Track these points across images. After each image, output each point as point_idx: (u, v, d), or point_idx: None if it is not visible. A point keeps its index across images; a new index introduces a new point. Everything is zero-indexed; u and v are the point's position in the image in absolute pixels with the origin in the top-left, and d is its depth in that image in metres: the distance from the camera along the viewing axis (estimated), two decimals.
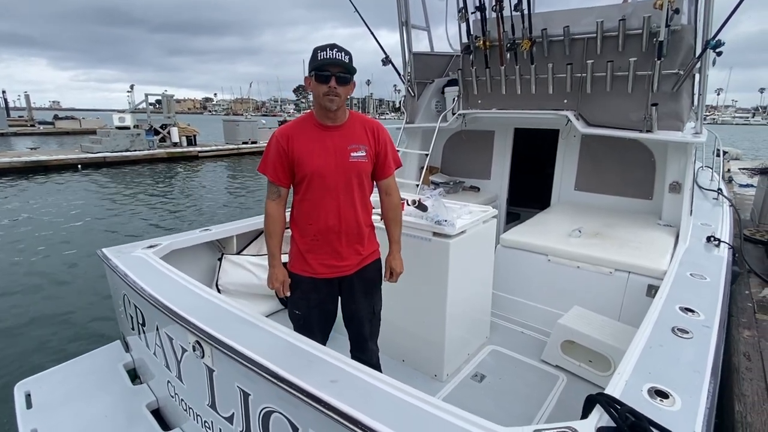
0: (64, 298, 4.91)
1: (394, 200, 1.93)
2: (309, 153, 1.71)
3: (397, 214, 1.95)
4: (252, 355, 1.44)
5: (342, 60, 1.64)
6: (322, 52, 1.63)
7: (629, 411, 1.19)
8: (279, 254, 1.83)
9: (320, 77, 1.64)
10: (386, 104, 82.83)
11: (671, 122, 3.16)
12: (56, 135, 32.12)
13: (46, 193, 11.07)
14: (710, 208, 3.76)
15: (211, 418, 1.76)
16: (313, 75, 1.65)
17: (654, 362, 1.47)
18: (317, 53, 1.64)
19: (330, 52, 1.63)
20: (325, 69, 1.63)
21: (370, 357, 2.00)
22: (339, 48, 1.65)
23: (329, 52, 1.63)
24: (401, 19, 4.04)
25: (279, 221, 1.81)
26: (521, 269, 3.07)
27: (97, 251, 2.54)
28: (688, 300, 1.95)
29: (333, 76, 1.63)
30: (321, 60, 1.63)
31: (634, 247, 2.85)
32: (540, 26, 3.43)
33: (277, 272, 1.82)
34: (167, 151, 17.67)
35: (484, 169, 4.57)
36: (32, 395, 2.25)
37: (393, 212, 1.93)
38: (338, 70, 1.64)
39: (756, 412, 2.05)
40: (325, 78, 1.64)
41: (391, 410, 1.22)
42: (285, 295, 1.87)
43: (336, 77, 1.64)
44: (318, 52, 1.64)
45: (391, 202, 1.92)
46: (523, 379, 2.51)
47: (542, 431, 1.13)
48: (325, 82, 1.64)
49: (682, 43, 3.02)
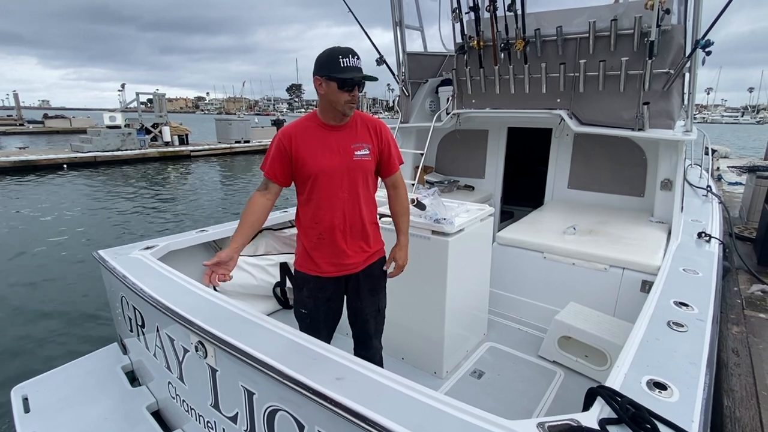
0: (57, 300, 4.85)
1: (402, 192, 1.95)
2: (313, 153, 1.72)
3: (406, 205, 1.97)
4: (256, 354, 1.45)
5: (361, 67, 1.64)
6: (345, 59, 1.60)
7: (629, 402, 1.23)
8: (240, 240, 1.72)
9: (344, 84, 1.62)
10: (380, 103, 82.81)
11: (662, 120, 3.21)
12: (46, 134, 31.65)
13: (35, 193, 10.90)
14: (700, 205, 3.83)
15: (214, 419, 1.76)
16: (335, 80, 1.62)
17: (651, 355, 1.51)
18: (339, 59, 1.60)
19: (353, 60, 1.61)
20: (351, 77, 1.61)
21: (373, 354, 2.02)
22: (358, 55, 1.64)
23: (352, 60, 1.60)
24: (395, 19, 4.05)
25: (258, 210, 1.74)
26: (517, 267, 3.10)
27: (93, 253, 2.52)
28: (682, 294, 1.99)
29: (357, 85, 1.63)
30: (345, 67, 1.60)
31: (627, 244, 2.90)
32: (533, 26, 3.47)
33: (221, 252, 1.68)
34: (159, 150, 17.50)
35: (479, 168, 4.61)
36: (30, 399, 2.24)
37: (402, 205, 1.95)
38: (360, 78, 1.64)
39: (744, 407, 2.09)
40: (350, 86, 1.63)
41: (397, 406, 1.23)
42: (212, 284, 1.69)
43: (357, 85, 1.64)
44: (340, 58, 1.60)
45: (400, 195, 1.94)
46: (521, 374, 2.54)
47: (546, 424, 1.16)
48: (349, 90, 1.63)
49: (672, 43, 3.08)
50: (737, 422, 2.01)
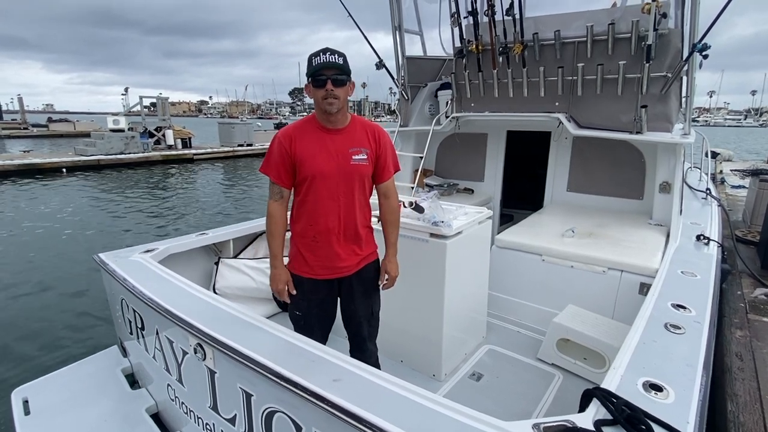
0: (58, 304, 4.88)
1: (393, 203, 1.96)
2: (311, 155, 1.74)
3: (395, 218, 1.98)
4: (254, 356, 1.46)
5: (336, 62, 1.67)
6: (316, 58, 1.67)
7: (625, 404, 1.23)
8: (281, 255, 1.85)
9: (317, 82, 1.68)
10: (382, 107, 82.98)
11: (660, 124, 3.22)
12: (50, 138, 31.85)
13: (38, 196, 10.97)
14: (699, 208, 3.83)
15: (212, 420, 1.77)
16: (311, 81, 1.69)
17: (648, 357, 1.52)
18: (312, 59, 1.68)
19: (323, 56, 1.66)
20: (321, 73, 1.66)
21: (369, 357, 2.02)
22: (332, 51, 1.68)
23: (323, 57, 1.66)
24: (394, 23, 4.08)
25: (281, 222, 1.82)
26: (516, 269, 3.11)
27: (94, 256, 2.54)
28: (680, 297, 2.00)
29: (329, 79, 1.66)
30: (315, 65, 1.66)
31: (626, 247, 2.90)
32: (531, 30, 3.49)
33: (280, 273, 1.83)
34: (162, 153, 17.59)
35: (478, 172, 4.62)
36: (30, 401, 2.25)
37: (391, 215, 1.96)
38: (333, 72, 1.67)
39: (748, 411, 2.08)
40: (321, 82, 1.67)
41: (394, 407, 1.24)
42: (284, 299, 1.87)
43: (332, 80, 1.67)
44: (312, 58, 1.68)
45: (390, 206, 1.95)
46: (519, 377, 2.54)
47: (541, 425, 1.16)
48: (322, 86, 1.67)
49: (669, 47, 3.09)
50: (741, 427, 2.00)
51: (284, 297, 1.86)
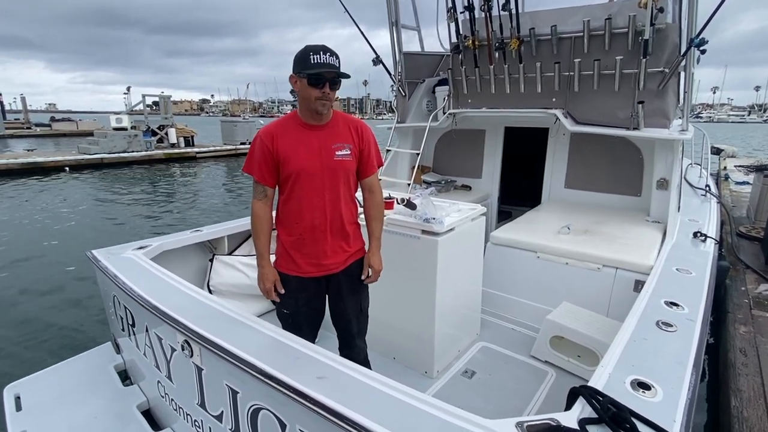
0: (55, 300, 4.90)
1: (377, 198, 1.94)
2: (294, 152, 1.72)
3: (379, 212, 1.96)
4: (239, 353, 1.45)
5: (336, 64, 1.63)
6: (315, 56, 1.60)
7: (611, 402, 1.22)
8: (268, 254, 1.84)
9: (314, 81, 1.62)
10: (383, 104, 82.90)
11: (658, 120, 3.19)
12: (53, 137, 32.01)
13: (41, 193, 11.02)
14: (698, 205, 3.79)
15: (201, 417, 1.77)
16: (305, 77, 1.63)
17: (637, 355, 1.50)
18: (309, 56, 1.60)
19: (324, 57, 1.60)
20: (320, 74, 1.61)
21: (357, 354, 2.02)
22: (331, 52, 1.63)
23: (323, 57, 1.60)
24: (391, 19, 4.06)
25: (266, 221, 1.82)
26: (511, 266, 3.09)
27: (87, 253, 2.54)
28: (674, 294, 1.97)
29: (327, 82, 1.63)
30: (315, 64, 1.60)
31: (622, 244, 2.88)
32: (528, 25, 3.46)
33: (267, 272, 1.83)
34: (165, 152, 17.63)
35: (476, 168, 4.59)
36: (22, 397, 2.26)
37: (376, 210, 1.94)
38: (332, 75, 1.63)
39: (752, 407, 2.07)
40: (319, 83, 1.63)
41: (377, 406, 1.23)
42: (272, 299, 1.86)
43: (330, 82, 1.64)
44: (311, 54, 1.60)
45: (374, 200, 1.93)
46: (512, 374, 2.53)
47: (524, 423, 1.15)
48: (318, 86, 1.63)
49: (666, 42, 3.06)
50: (745, 422, 1.99)
51: (272, 296, 1.85)
